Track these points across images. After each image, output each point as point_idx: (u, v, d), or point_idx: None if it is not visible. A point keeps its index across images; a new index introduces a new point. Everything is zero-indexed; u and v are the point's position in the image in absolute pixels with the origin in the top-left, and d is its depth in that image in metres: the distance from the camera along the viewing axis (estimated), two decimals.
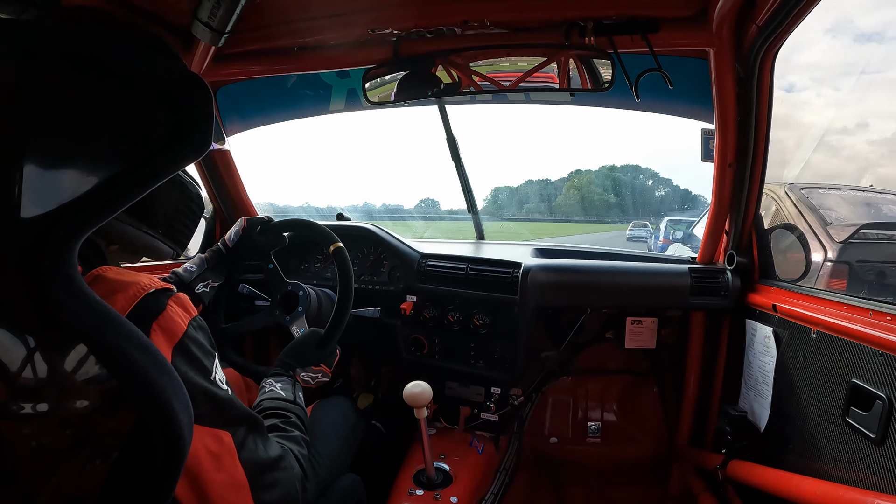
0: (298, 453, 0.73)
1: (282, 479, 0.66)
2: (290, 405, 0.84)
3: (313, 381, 1.00)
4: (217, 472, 0.58)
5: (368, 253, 1.61)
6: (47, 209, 0.49)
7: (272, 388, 0.88)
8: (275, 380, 0.90)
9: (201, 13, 1.00)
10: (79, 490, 0.51)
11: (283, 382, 0.90)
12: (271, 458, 0.66)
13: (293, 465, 0.69)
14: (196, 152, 0.56)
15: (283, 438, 0.74)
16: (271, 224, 1.21)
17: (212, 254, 1.14)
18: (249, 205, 1.76)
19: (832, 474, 0.92)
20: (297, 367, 0.97)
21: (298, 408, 0.86)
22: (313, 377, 1.00)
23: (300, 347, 1.01)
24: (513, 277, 1.35)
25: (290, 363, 0.97)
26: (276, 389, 0.87)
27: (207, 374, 0.58)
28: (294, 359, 0.98)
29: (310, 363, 0.99)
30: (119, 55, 0.52)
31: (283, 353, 0.99)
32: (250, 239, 1.17)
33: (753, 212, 1.26)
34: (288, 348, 1.00)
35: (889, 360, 0.80)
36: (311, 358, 1.00)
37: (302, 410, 0.86)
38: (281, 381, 0.90)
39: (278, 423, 0.79)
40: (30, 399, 0.48)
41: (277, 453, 0.67)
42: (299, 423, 0.82)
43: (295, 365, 0.97)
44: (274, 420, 0.79)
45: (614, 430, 1.78)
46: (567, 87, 1.16)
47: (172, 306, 0.56)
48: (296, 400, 0.87)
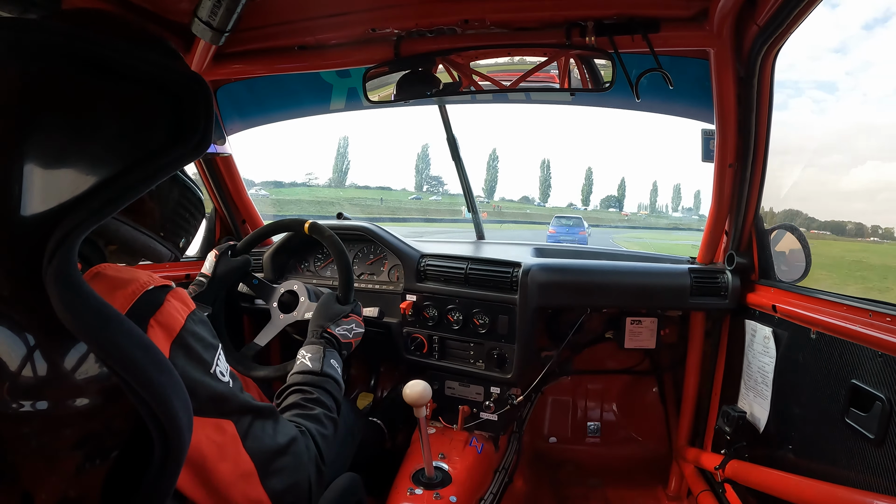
0: (317, 432, 0.72)
1: (289, 465, 0.65)
2: (316, 377, 0.84)
3: (351, 334, 1.00)
4: (221, 461, 0.58)
5: (368, 252, 1.62)
6: (47, 208, 0.49)
7: (302, 359, 0.88)
8: (306, 350, 0.90)
9: (202, 12, 1.00)
10: (78, 489, 0.51)
11: (313, 352, 0.89)
12: (280, 443, 0.65)
13: (303, 449, 0.68)
14: (196, 152, 0.56)
15: (302, 418, 0.74)
16: (239, 244, 1.23)
17: (195, 287, 1.14)
18: (250, 204, 1.76)
19: (831, 475, 0.92)
20: (330, 325, 0.97)
21: (325, 378, 0.85)
22: (349, 329, 1.00)
23: (323, 308, 1.01)
24: (513, 277, 1.35)
25: (320, 325, 0.97)
26: (304, 361, 0.87)
27: (207, 366, 0.58)
28: (323, 319, 0.98)
29: (339, 315, 1.00)
30: (119, 54, 0.52)
31: (311, 321, 1.00)
32: (226, 263, 1.18)
33: (753, 212, 1.26)
34: (314, 314, 1.01)
35: (889, 360, 0.80)
36: (338, 311, 1.01)
37: (330, 380, 0.85)
38: (311, 350, 0.90)
39: (300, 399, 0.78)
40: (29, 398, 0.48)
41: (288, 438, 0.66)
42: (324, 399, 0.81)
43: (326, 324, 0.97)
44: (296, 397, 0.79)
45: (614, 430, 1.78)
46: (567, 87, 1.16)
47: (171, 301, 0.56)
48: (322, 370, 0.86)
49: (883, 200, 15.48)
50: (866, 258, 15.09)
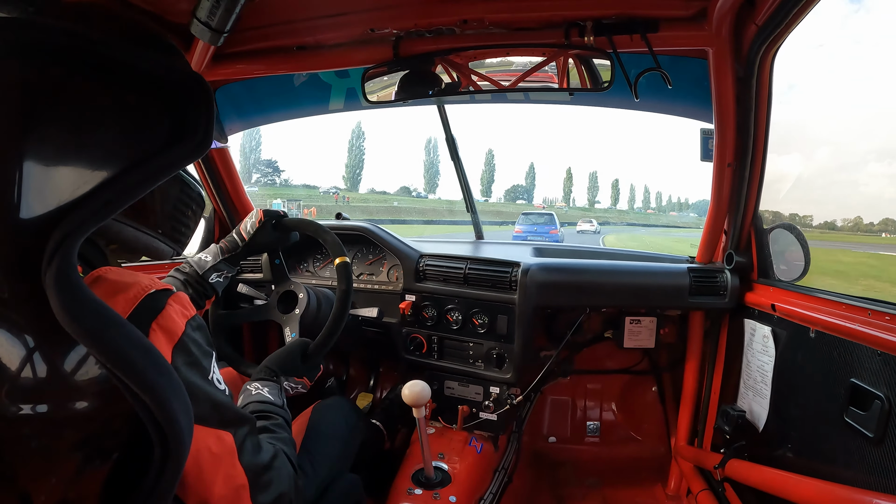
0: (289, 453, 0.74)
1: (275, 478, 0.66)
2: (278, 409, 0.85)
3: (292, 391, 1.02)
4: (218, 473, 0.58)
5: (367, 252, 1.61)
6: (46, 210, 0.48)
7: (259, 391, 0.88)
8: (261, 384, 0.91)
9: (200, 12, 1.00)
10: (77, 491, 0.51)
11: (270, 387, 0.90)
12: (266, 458, 0.66)
13: (284, 465, 0.69)
14: (196, 152, 0.56)
15: (273, 439, 0.75)
16: (286, 220, 1.20)
17: (227, 244, 1.13)
18: (248, 204, 1.75)
19: (830, 474, 0.92)
20: (282, 377, 0.98)
21: (286, 412, 0.87)
22: (293, 387, 1.02)
23: (286, 357, 1.02)
24: (512, 277, 1.35)
25: (275, 371, 0.97)
26: (263, 393, 0.88)
27: (206, 373, 0.58)
28: (279, 367, 0.99)
29: (293, 374, 1.01)
30: (119, 54, 0.52)
31: (268, 359, 1.00)
32: (265, 232, 1.16)
33: (752, 212, 1.26)
34: (274, 355, 1.01)
35: (888, 359, 0.80)
36: (295, 369, 1.01)
37: (288, 415, 0.87)
38: (268, 385, 0.91)
39: (268, 424, 0.79)
40: (29, 400, 0.48)
41: (271, 453, 0.67)
42: (286, 426, 0.83)
43: (279, 373, 0.98)
44: (263, 422, 0.80)
45: (613, 430, 1.79)
46: (566, 87, 1.16)
47: (172, 305, 0.56)
48: (283, 405, 0.88)
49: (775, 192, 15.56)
50: None
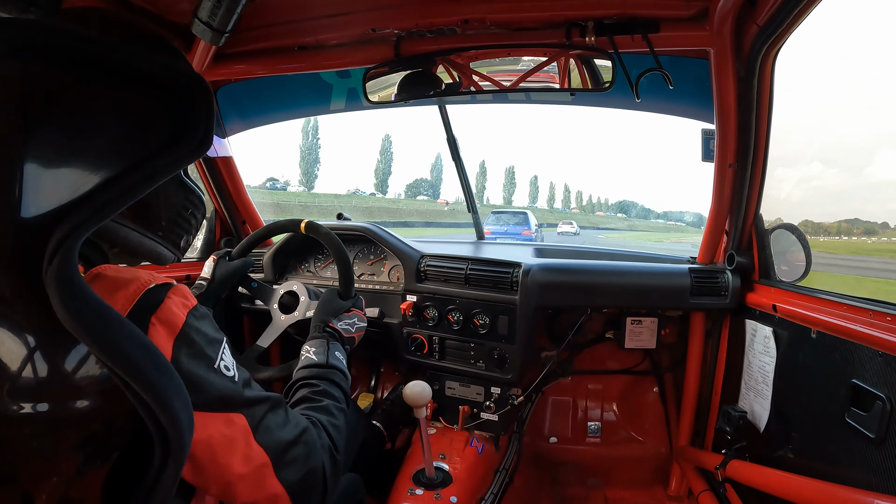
0: (328, 423, 0.72)
1: (302, 454, 0.64)
2: (322, 370, 0.84)
3: (353, 329, 1.01)
4: (234, 455, 0.58)
5: (368, 253, 1.62)
6: (48, 209, 0.49)
7: (306, 354, 0.88)
8: (309, 345, 0.91)
9: (202, 13, 1.00)
10: (79, 490, 0.51)
11: (317, 346, 0.90)
12: (292, 434, 0.64)
13: (315, 438, 0.67)
14: (196, 152, 0.56)
15: (311, 410, 0.74)
16: (236, 248, 1.24)
17: (194, 291, 1.14)
18: (250, 205, 1.75)
19: (832, 474, 0.92)
20: (332, 319, 0.98)
21: (332, 370, 0.85)
22: (351, 324, 1.01)
23: (325, 304, 1.02)
24: (513, 277, 1.35)
25: (322, 320, 0.97)
26: (309, 355, 0.88)
27: (211, 361, 0.58)
28: (325, 314, 0.99)
29: (341, 310, 1.01)
30: (120, 54, 0.52)
31: (313, 317, 1.00)
32: (224, 267, 1.18)
33: (754, 212, 1.26)
34: (316, 311, 1.02)
35: (889, 360, 0.80)
36: (340, 306, 1.02)
37: (336, 371, 0.86)
38: (315, 344, 0.91)
39: (308, 393, 0.78)
40: (30, 399, 0.48)
41: (299, 428, 0.66)
42: (331, 390, 0.81)
43: (328, 318, 0.98)
44: (304, 391, 0.79)
45: (614, 430, 1.78)
46: (567, 87, 1.16)
47: (171, 297, 0.55)
48: (328, 362, 0.87)
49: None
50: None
